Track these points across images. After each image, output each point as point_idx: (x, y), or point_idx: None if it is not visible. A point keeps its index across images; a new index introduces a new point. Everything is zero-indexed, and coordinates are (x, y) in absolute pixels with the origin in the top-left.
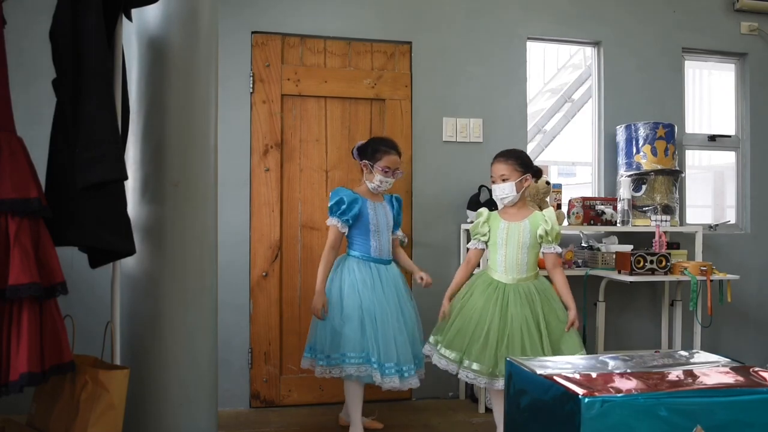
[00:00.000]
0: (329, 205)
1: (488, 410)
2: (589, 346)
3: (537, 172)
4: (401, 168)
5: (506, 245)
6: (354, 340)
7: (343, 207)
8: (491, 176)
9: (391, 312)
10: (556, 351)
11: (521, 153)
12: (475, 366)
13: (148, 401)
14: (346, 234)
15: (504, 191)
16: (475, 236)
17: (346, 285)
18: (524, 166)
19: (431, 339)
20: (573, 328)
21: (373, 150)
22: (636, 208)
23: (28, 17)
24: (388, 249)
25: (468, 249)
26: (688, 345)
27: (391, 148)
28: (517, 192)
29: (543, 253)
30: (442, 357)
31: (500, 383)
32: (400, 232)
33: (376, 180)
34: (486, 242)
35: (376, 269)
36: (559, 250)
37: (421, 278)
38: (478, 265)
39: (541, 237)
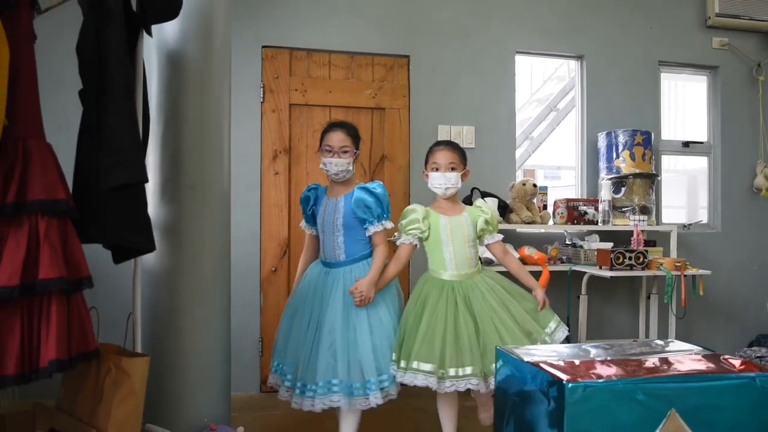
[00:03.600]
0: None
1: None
2: (572, 335)
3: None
4: (350, 146)
5: (452, 241)
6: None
7: (303, 205)
8: (433, 163)
9: (323, 322)
10: (530, 330)
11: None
12: (468, 370)
13: (166, 386)
14: (316, 234)
15: (451, 181)
16: (410, 231)
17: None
18: (465, 159)
19: (393, 357)
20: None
21: (321, 135)
22: (616, 208)
23: (56, 32)
24: (334, 250)
25: (400, 244)
26: (663, 335)
27: (334, 125)
28: (459, 185)
29: (487, 244)
30: (419, 372)
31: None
32: (371, 228)
33: (321, 165)
34: (422, 239)
35: (318, 272)
36: (501, 237)
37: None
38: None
39: (482, 230)
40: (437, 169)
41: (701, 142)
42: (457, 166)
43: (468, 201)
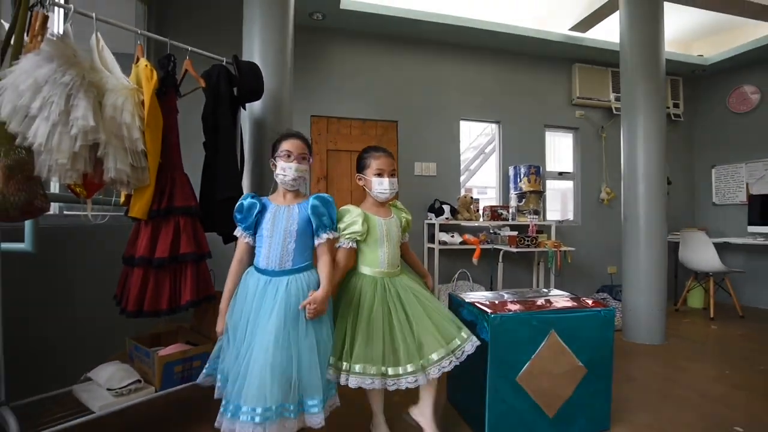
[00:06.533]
0: (234, 213)
1: None
2: (493, 287)
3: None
4: (307, 153)
5: (387, 242)
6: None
7: (242, 214)
8: (378, 169)
9: (264, 336)
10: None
11: None
12: (410, 368)
13: None
14: (253, 244)
15: (394, 186)
16: (350, 235)
17: (234, 300)
18: None
19: (332, 361)
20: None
21: (274, 145)
22: (519, 211)
23: (189, 108)
24: (282, 257)
25: (339, 248)
26: (547, 286)
27: (290, 134)
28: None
29: (402, 242)
30: (366, 376)
31: (434, 371)
32: (323, 235)
33: (279, 171)
34: (359, 241)
35: (257, 281)
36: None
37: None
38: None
39: (404, 228)
40: (381, 175)
41: (569, 172)
42: (395, 171)
43: (432, 207)
